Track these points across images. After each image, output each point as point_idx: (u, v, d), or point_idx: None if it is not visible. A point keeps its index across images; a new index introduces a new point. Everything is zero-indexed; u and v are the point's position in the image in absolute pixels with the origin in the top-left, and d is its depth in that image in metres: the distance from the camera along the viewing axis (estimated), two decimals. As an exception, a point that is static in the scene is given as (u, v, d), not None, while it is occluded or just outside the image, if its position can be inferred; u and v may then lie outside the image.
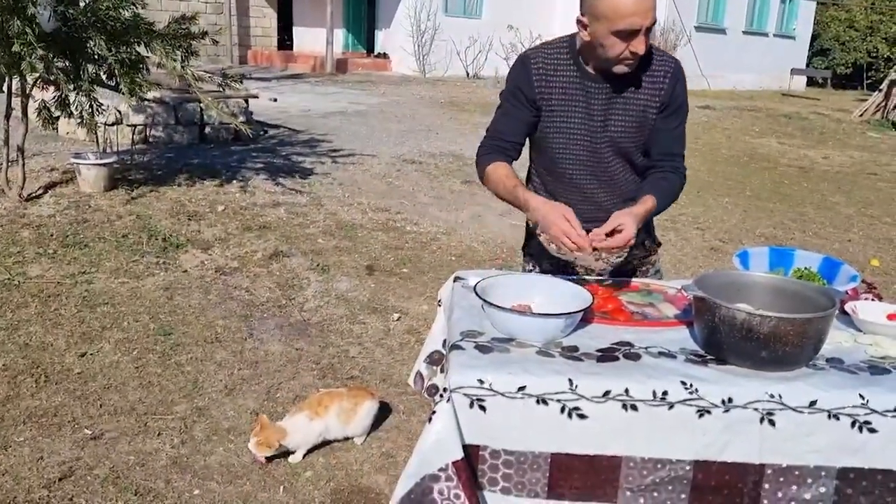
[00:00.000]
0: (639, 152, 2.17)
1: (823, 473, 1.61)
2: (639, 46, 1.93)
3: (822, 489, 1.62)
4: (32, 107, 5.36)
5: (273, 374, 3.36)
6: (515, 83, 2.14)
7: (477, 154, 2.24)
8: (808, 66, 23.29)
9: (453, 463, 1.57)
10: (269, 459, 2.70)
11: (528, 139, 2.25)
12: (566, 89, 2.10)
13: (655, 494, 1.63)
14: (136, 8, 5.03)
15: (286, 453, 2.73)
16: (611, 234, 1.90)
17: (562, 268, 2.25)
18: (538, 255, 2.36)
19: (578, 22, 1.99)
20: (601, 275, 2.22)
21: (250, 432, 2.73)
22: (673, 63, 2.09)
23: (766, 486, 1.62)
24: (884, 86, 15.16)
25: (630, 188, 2.19)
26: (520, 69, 2.14)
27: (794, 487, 1.62)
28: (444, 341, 2.02)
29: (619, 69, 2.00)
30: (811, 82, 23.19)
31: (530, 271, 2.38)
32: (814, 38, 23.68)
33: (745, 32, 21.32)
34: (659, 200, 2.06)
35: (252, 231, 5.05)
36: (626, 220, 1.90)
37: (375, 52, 17.76)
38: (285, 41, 18.67)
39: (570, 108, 2.11)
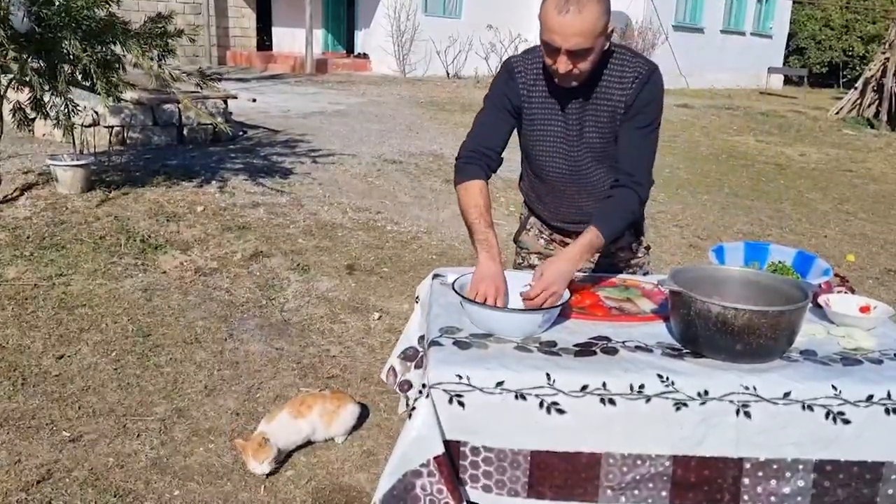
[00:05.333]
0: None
1: (801, 467, 1.63)
2: (559, 65, 1.88)
3: (801, 483, 1.64)
4: (7, 108, 5.30)
5: (253, 374, 3.34)
6: (502, 91, 2.10)
7: (457, 157, 2.14)
8: (784, 64, 23.52)
9: (435, 458, 1.58)
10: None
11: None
12: (545, 99, 2.07)
13: (637, 492, 1.64)
14: (111, 7, 4.98)
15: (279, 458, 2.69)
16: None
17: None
18: (528, 248, 2.42)
19: None
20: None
21: (237, 446, 2.68)
22: (646, 68, 1.99)
23: (746, 480, 1.64)
24: (859, 84, 15.34)
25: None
26: (506, 77, 2.10)
27: (774, 482, 1.64)
28: (420, 338, 2.03)
29: (560, 82, 1.96)
30: (788, 80, 23.41)
31: (520, 264, 2.42)
32: (790, 36, 23.93)
33: (722, 31, 21.51)
34: (604, 230, 1.92)
35: (232, 231, 5.02)
36: (555, 279, 1.80)
37: (355, 53, 17.71)
38: (264, 42, 18.58)
39: (549, 118, 2.08)
